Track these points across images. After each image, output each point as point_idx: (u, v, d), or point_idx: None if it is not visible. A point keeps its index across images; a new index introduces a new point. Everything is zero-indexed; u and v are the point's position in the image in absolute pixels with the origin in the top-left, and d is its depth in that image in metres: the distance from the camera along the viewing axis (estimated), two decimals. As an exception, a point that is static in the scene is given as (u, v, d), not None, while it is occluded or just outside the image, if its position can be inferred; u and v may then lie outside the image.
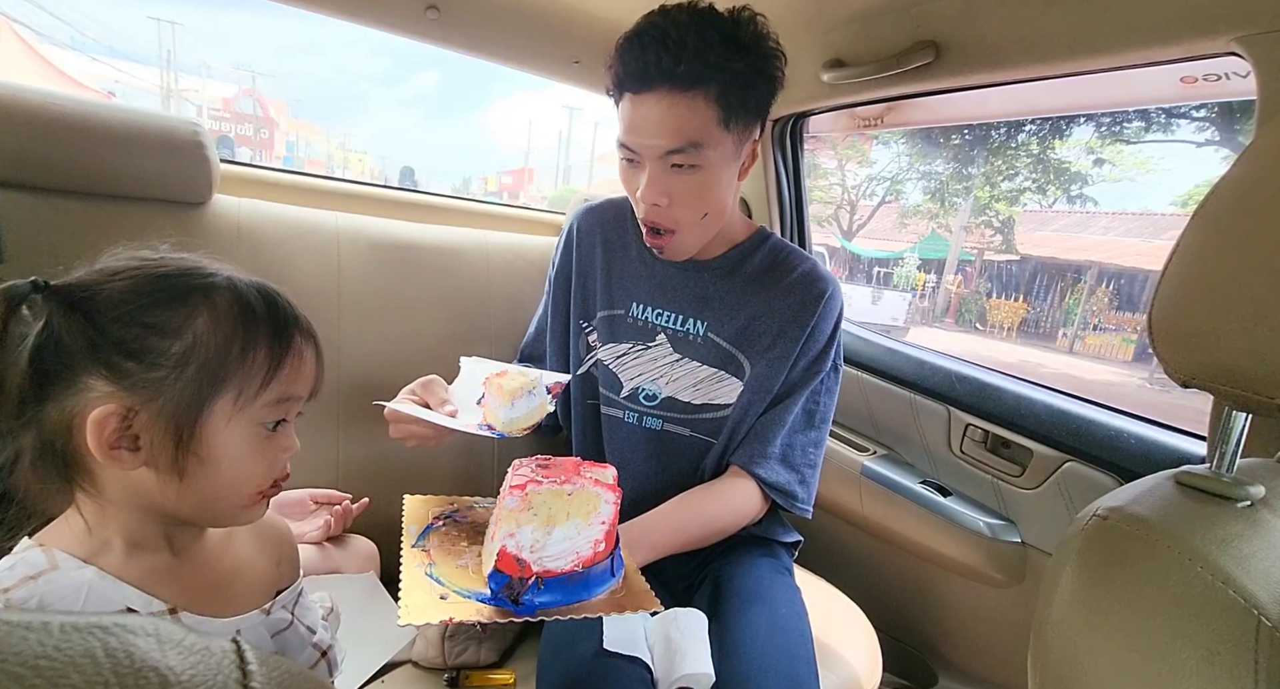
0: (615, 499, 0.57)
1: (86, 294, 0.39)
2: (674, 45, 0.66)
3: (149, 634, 0.14)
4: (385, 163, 40.09)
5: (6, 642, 0.12)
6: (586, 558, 0.56)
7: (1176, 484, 0.38)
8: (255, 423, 0.43)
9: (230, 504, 0.44)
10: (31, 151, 0.78)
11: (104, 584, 0.39)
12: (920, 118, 1.15)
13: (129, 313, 0.39)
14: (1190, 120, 7.95)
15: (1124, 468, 0.85)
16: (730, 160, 0.74)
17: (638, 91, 0.70)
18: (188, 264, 0.43)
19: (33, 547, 0.39)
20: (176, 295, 0.41)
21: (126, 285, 0.40)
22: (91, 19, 58.03)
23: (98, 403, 0.38)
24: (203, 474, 0.41)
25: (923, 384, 1.12)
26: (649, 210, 0.75)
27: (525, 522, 0.54)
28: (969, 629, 1.10)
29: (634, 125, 0.71)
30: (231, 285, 0.43)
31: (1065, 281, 10.55)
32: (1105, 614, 0.33)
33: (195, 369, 0.39)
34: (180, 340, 0.40)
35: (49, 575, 0.38)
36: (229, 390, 0.41)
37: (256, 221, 0.95)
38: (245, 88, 25.25)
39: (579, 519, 0.56)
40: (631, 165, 0.75)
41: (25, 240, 0.62)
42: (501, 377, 0.73)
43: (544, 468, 0.59)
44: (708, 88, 0.68)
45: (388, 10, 0.97)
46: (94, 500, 0.41)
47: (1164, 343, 0.37)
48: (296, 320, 0.46)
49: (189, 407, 0.40)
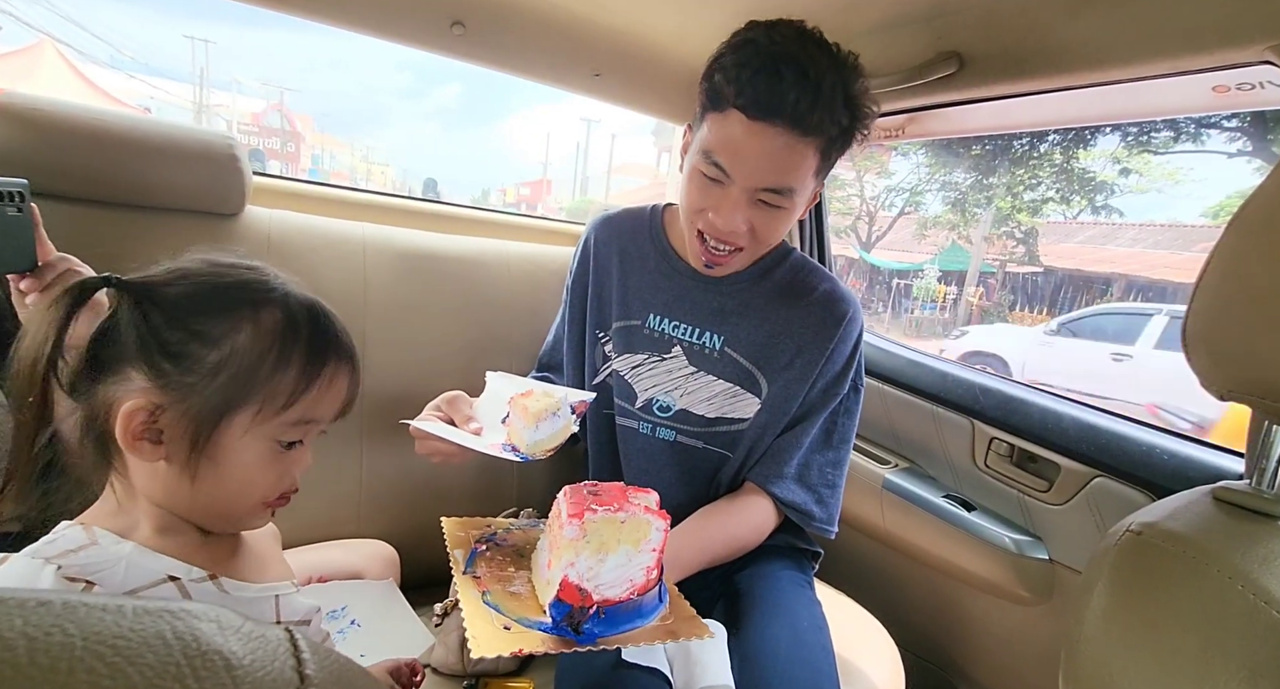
0: (664, 526, 0.58)
1: (149, 293, 0.41)
2: (812, 89, 0.64)
3: (211, 620, 0.15)
4: (406, 174, 40.93)
5: (86, 622, 0.13)
6: (640, 585, 0.57)
7: (1214, 500, 0.37)
8: (270, 439, 0.44)
9: (236, 509, 0.46)
10: (75, 164, 0.82)
11: (143, 557, 0.41)
12: (941, 128, 1.14)
13: (180, 317, 0.41)
14: (1221, 130, 7.78)
15: (1157, 484, 0.83)
16: (806, 204, 0.76)
17: (756, 118, 0.66)
18: (248, 276, 0.45)
19: (73, 525, 0.42)
20: (227, 306, 0.43)
21: (186, 289, 0.42)
22: (130, 38, 60.23)
23: (133, 395, 0.40)
24: (213, 477, 0.43)
25: (945, 396, 1.10)
26: (723, 233, 0.73)
27: (581, 550, 0.55)
28: (995, 648, 1.07)
29: (739, 151, 0.68)
30: (284, 302, 0.45)
31: (1091, 294, 10.34)
32: (1140, 632, 0.32)
33: (225, 379, 0.41)
34: (218, 350, 0.41)
35: (89, 550, 0.40)
36: (251, 405, 0.43)
37: (286, 232, 0.97)
38: (273, 103, 25.94)
39: (629, 546, 0.56)
40: (713, 184, 0.72)
41: (67, 248, 0.65)
42: (526, 397, 0.73)
43: (595, 495, 0.59)
44: (820, 138, 0.68)
45: (415, 28, 0.99)
46: (123, 482, 0.43)
47: (1200, 355, 0.37)
48: (337, 344, 0.47)
49: (211, 413, 0.41)
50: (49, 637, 0.12)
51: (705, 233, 0.75)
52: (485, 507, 1.03)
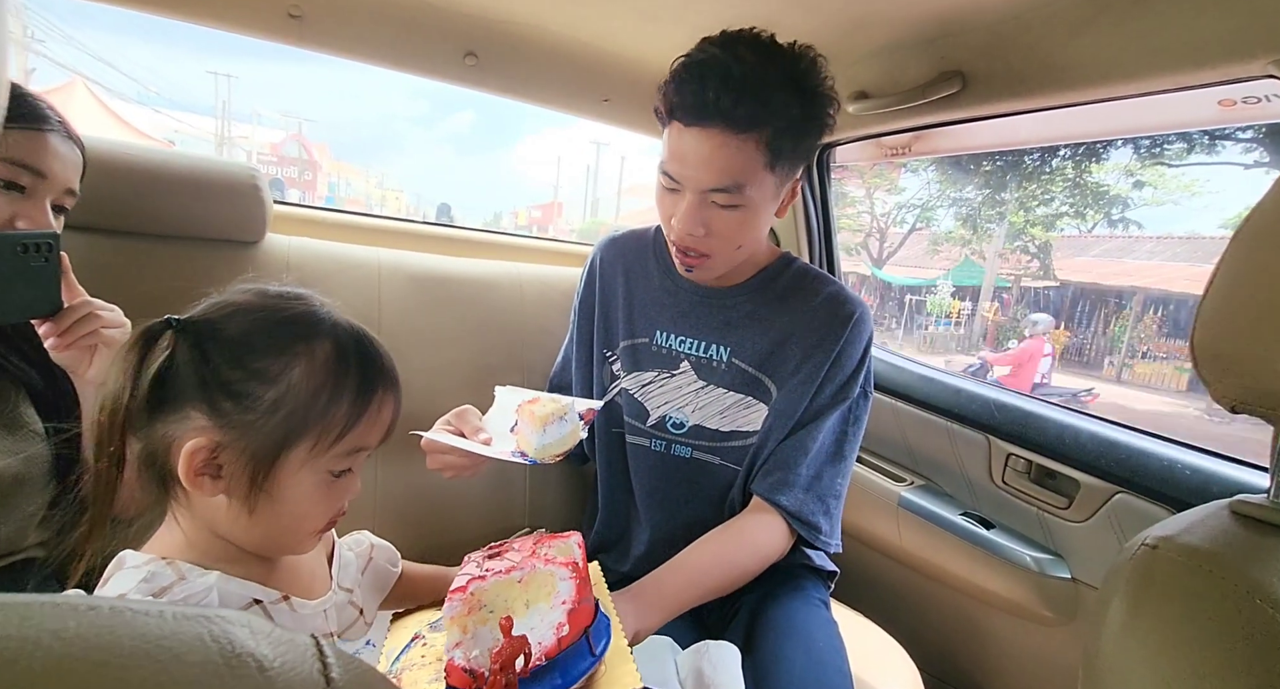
0: (570, 575, 0.53)
1: (209, 333, 0.42)
2: (735, 85, 0.65)
3: (244, 625, 0.16)
4: (419, 200, 41.66)
5: (133, 625, 0.14)
6: (549, 647, 0.51)
7: (1232, 514, 0.37)
8: (324, 470, 0.45)
9: (290, 539, 0.47)
10: (105, 197, 0.85)
11: (228, 584, 0.43)
12: (948, 146, 1.15)
13: (239, 357, 0.42)
14: (1236, 142, 7.74)
15: (1179, 499, 0.81)
16: (771, 200, 0.74)
17: (689, 124, 0.68)
18: (299, 309, 0.46)
19: (154, 560, 0.42)
20: (283, 342, 0.43)
21: (244, 327, 0.43)
22: (156, 75, 62.55)
23: (194, 434, 0.41)
24: (270, 511, 0.44)
25: (960, 412, 1.09)
26: (684, 236, 0.75)
27: (477, 623, 0.50)
28: (1018, 669, 1.04)
29: (680, 155, 0.71)
30: (334, 334, 0.46)
31: (1109, 308, 10.19)
32: (1157, 648, 0.32)
33: (283, 416, 0.42)
34: (276, 387, 0.42)
35: (180, 585, 0.41)
36: (307, 439, 0.43)
37: (304, 258, 1.00)
38: (292, 133, 26.68)
39: (541, 602, 0.52)
40: (671, 192, 0.75)
41: (97, 278, 0.67)
42: (533, 403, 0.75)
43: (492, 558, 0.55)
44: (761, 131, 0.67)
45: (430, 59, 1.03)
46: (185, 514, 0.44)
47: (1208, 367, 0.36)
48: (384, 373, 0.48)
49: (270, 449, 0.42)
50: (100, 637, 0.14)
51: (674, 241, 0.77)
52: (495, 526, 1.04)
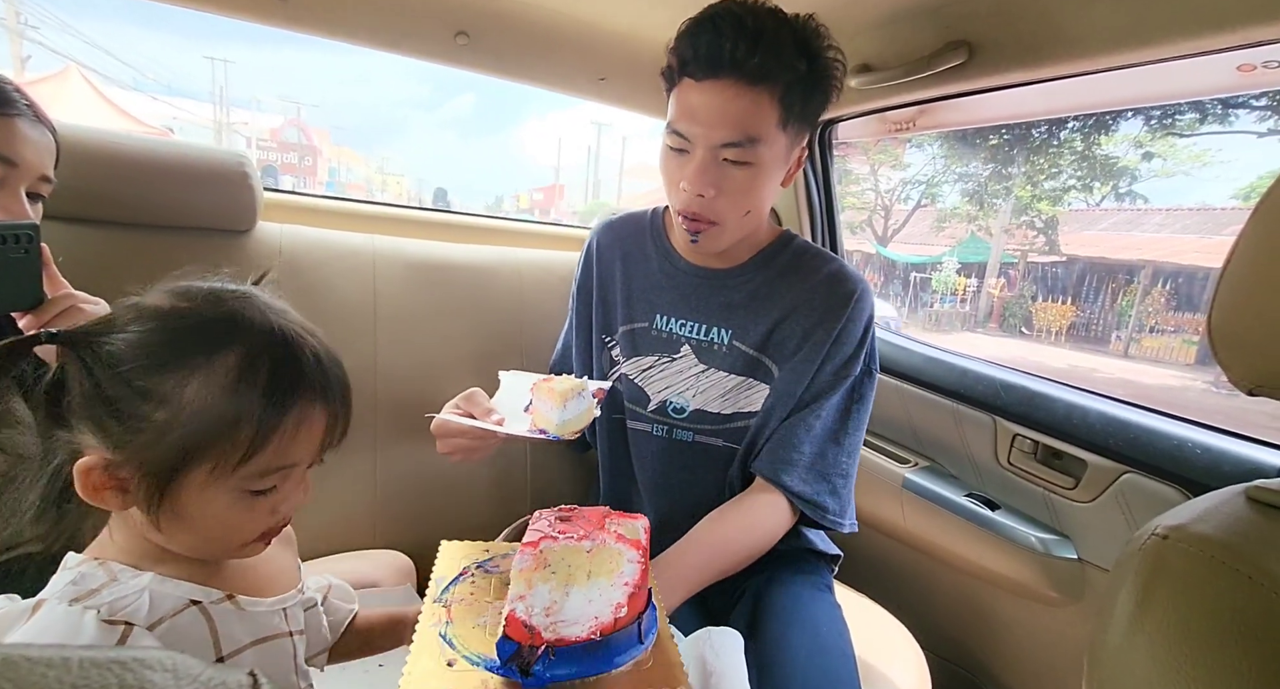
0: (638, 557, 0.52)
1: (92, 347, 0.39)
2: (750, 35, 0.65)
3: (166, 669, 0.14)
4: (421, 185, 41.36)
5: (28, 679, 0.13)
6: (605, 624, 0.50)
7: (1248, 500, 0.35)
8: (235, 490, 0.41)
9: (219, 548, 0.45)
10: (89, 186, 0.83)
11: (163, 585, 0.41)
12: (954, 119, 1.12)
13: (125, 373, 0.38)
14: (1250, 110, 7.55)
15: (1190, 479, 0.80)
16: (780, 162, 0.73)
17: (703, 78, 0.67)
18: (212, 314, 0.41)
19: (87, 561, 0.41)
20: (176, 356, 0.39)
21: (134, 338, 0.39)
22: (153, 61, 61.89)
23: (87, 450, 0.39)
24: (180, 527, 0.41)
25: (966, 393, 1.08)
26: (692, 200, 0.72)
27: (540, 581, 0.50)
28: (1024, 650, 1.04)
29: (692, 111, 0.69)
30: (248, 343, 0.41)
31: (1117, 282, 10.07)
32: (1168, 643, 0.31)
33: (176, 438, 0.38)
34: (165, 409, 0.38)
35: (111, 587, 0.40)
36: (206, 462, 0.40)
37: (296, 246, 0.98)
38: (291, 118, 26.43)
39: (603, 578, 0.51)
40: (679, 154, 0.72)
41: (83, 269, 0.66)
42: (550, 381, 0.75)
43: (564, 520, 0.54)
44: (774, 85, 0.67)
45: (420, 39, 1.00)
46: (115, 518, 0.43)
47: (1226, 347, 0.35)
48: (304, 383, 0.42)
49: (164, 472, 0.39)
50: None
51: (681, 209, 0.74)
52: (500, 514, 1.03)
